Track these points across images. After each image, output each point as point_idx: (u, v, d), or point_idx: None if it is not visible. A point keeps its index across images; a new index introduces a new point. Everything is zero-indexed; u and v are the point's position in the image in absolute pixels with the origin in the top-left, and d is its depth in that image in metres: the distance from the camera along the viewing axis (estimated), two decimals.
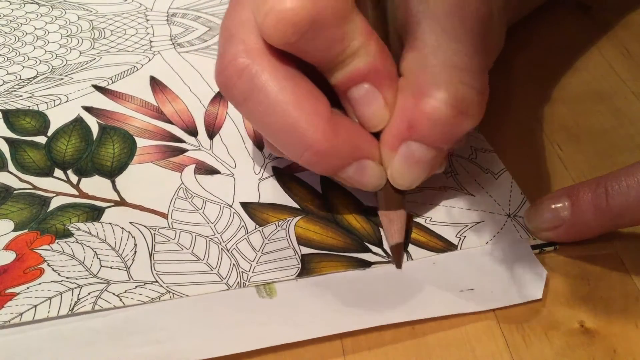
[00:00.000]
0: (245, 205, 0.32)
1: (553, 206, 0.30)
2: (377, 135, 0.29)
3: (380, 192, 0.30)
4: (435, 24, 0.27)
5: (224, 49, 0.28)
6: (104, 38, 0.43)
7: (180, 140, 0.35)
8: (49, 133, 0.35)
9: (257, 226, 0.31)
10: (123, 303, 0.27)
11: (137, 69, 0.40)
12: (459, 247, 0.30)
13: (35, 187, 0.32)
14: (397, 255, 0.29)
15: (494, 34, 0.31)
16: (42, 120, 0.36)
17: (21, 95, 0.38)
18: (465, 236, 0.30)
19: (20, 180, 0.33)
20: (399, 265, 0.29)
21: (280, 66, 0.27)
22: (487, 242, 0.30)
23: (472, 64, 0.27)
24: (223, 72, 0.27)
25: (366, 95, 0.28)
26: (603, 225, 0.29)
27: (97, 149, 0.35)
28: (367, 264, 0.29)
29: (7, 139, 0.35)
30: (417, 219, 0.31)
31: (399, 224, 0.30)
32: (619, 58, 0.41)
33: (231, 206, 0.32)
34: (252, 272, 0.28)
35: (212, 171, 0.34)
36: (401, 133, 0.27)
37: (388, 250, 0.30)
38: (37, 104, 0.37)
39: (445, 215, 0.31)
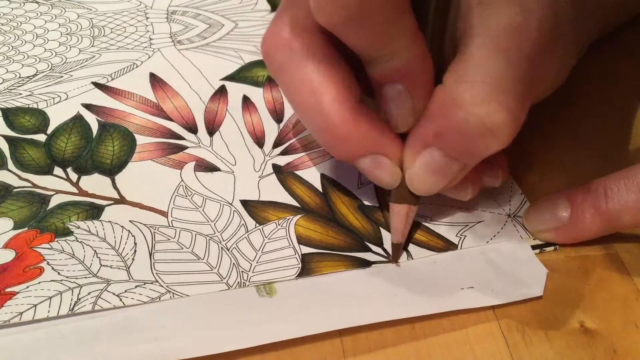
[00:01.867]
0: (245, 203, 0.32)
1: (552, 208, 0.30)
2: (403, 137, 0.29)
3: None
4: (490, 41, 0.27)
5: (274, 19, 0.29)
6: (103, 36, 0.43)
7: (180, 137, 0.35)
8: (49, 131, 0.35)
9: (257, 225, 0.31)
10: (123, 303, 0.27)
11: (137, 66, 0.40)
12: (459, 247, 0.30)
13: (34, 185, 0.32)
14: (396, 252, 0.30)
15: (552, 67, 0.30)
16: (41, 118, 0.36)
17: (21, 94, 0.38)
18: (465, 236, 0.30)
19: (20, 178, 0.33)
20: (395, 260, 0.29)
21: (320, 46, 0.28)
22: (487, 242, 0.30)
23: (514, 88, 0.26)
24: (265, 42, 0.29)
25: (397, 96, 0.28)
26: (602, 227, 0.29)
27: (97, 146, 0.34)
28: (367, 264, 0.29)
29: (6, 137, 0.35)
30: (417, 219, 0.31)
31: (404, 222, 0.30)
32: (619, 57, 0.41)
33: (231, 204, 0.32)
34: (252, 272, 0.28)
35: (212, 168, 0.34)
36: (426, 138, 0.27)
37: (388, 249, 0.30)
38: (36, 102, 0.37)
39: (445, 215, 0.31)
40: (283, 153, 0.35)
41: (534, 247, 0.30)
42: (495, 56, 0.26)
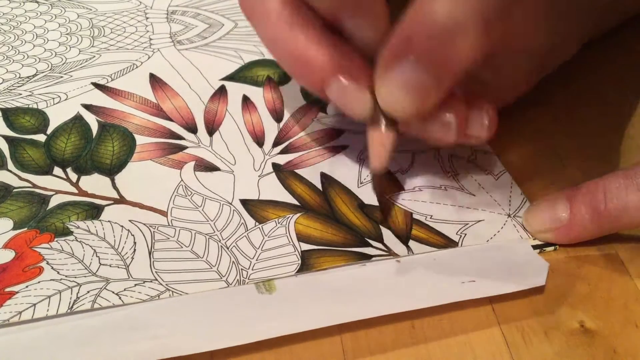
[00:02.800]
0: (245, 203, 0.32)
1: (551, 209, 0.30)
2: None
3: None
4: None
5: None
6: (103, 36, 0.43)
7: (180, 137, 0.35)
8: (49, 131, 0.35)
9: (257, 223, 0.31)
10: (122, 301, 0.27)
11: (137, 66, 0.40)
12: (459, 245, 0.30)
13: (34, 186, 0.32)
14: (376, 182, 0.29)
15: None
16: (41, 119, 0.36)
17: (20, 94, 0.38)
18: (465, 234, 0.30)
19: (20, 178, 0.33)
20: (375, 189, 0.29)
21: None
22: (487, 241, 0.30)
23: None
24: None
25: (357, 18, 0.28)
26: (601, 228, 0.29)
27: (97, 146, 0.34)
28: (367, 258, 0.29)
29: (6, 138, 0.35)
30: (418, 217, 0.31)
31: (383, 148, 0.29)
32: (620, 57, 0.41)
33: (231, 203, 0.32)
34: (252, 270, 0.28)
35: (211, 168, 0.34)
36: (396, 48, 0.26)
37: (389, 245, 0.30)
38: (36, 102, 0.37)
39: (445, 214, 0.31)
40: (283, 152, 0.35)
41: (534, 247, 0.30)
42: None
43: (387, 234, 0.30)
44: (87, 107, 0.37)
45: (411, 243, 0.30)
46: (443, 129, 0.29)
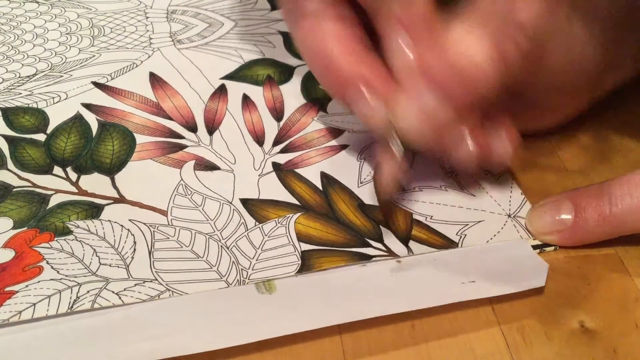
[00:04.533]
0: (245, 202, 0.32)
1: (556, 211, 0.30)
2: None
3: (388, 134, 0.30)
4: None
5: None
6: (103, 35, 0.43)
7: (180, 136, 0.35)
8: (48, 130, 0.35)
9: (257, 223, 0.31)
10: (122, 301, 0.27)
11: (137, 65, 0.40)
12: (459, 245, 0.30)
13: (34, 185, 0.32)
14: (382, 206, 0.30)
15: (558, 43, 0.29)
16: (41, 118, 0.36)
17: (20, 93, 0.38)
18: (465, 234, 0.30)
19: (20, 178, 0.32)
20: (386, 218, 0.30)
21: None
22: (487, 241, 0.30)
23: (514, 33, 0.27)
24: None
25: (399, 45, 0.28)
26: (606, 232, 0.29)
27: (97, 146, 0.34)
28: (367, 258, 0.29)
29: (6, 137, 0.35)
30: (418, 217, 0.31)
31: (394, 171, 0.30)
32: None
33: (231, 203, 0.32)
34: (252, 270, 0.28)
35: (211, 167, 0.34)
36: (415, 73, 0.27)
37: (389, 245, 0.30)
38: (36, 102, 0.37)
39: (445, 214, 0.31)
40: (283, 151, 0.35)
41: (534, 247, 0.30)
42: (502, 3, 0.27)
43: (387, 234, 0.30)
44: (87, 106, 0.37)
45: (411, 243, 0.30)
46: (463, 155, 0.30)
